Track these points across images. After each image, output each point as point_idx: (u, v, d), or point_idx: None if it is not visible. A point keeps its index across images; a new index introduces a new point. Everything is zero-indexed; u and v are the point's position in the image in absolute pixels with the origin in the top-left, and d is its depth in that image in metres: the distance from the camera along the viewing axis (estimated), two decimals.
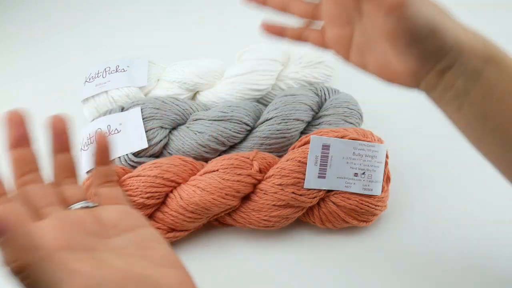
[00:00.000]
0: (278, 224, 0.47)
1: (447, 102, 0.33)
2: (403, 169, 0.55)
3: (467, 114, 0.33)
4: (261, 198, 0.47)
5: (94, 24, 0.84)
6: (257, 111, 0.56)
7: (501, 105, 0.31)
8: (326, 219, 0.48)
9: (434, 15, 0.30)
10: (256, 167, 0.47)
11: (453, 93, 0.32)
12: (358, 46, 0.35)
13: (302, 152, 0.47)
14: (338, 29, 0.35)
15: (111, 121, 0.54)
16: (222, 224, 0.50)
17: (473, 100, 0.32)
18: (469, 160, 0.57)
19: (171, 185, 0.47)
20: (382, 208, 0.49)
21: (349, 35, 0.35)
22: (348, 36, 0.35)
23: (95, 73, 0.61)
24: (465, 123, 0.34)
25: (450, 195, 0.53)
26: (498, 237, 0.49)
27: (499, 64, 0.31)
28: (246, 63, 0.60)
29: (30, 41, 0.82)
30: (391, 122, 0.62)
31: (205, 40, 0.78)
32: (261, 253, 0.49)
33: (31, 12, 0.88)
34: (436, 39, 0.30)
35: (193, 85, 0.60)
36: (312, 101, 0.55)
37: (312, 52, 0.60)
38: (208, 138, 0.52)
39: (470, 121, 0.33)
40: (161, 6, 0.87)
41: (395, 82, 0.35)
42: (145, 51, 0.75)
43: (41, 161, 0.33)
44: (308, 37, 0.38)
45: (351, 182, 0.47)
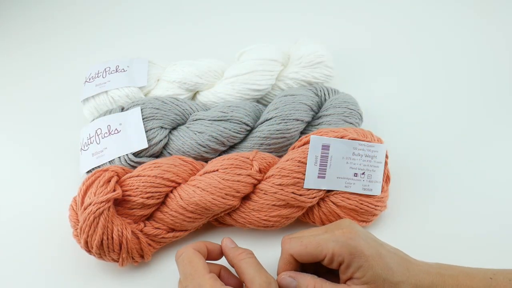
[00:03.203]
0: (278, 224, 0.47)
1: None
2: (403, 169, 0.55)
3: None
4: (261, 198, 0.47)
5: (94, 24, 0.84)
6: (257, 111, 0.56)
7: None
8: (326, 219, 0.48)
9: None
10: (256, 167, 0.47)
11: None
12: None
13: (302, 152, 0.47)
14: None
15: (111, 121, 0.54)
16: (222, 224, 0.50)
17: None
18: (469, 160, 0.58)
19: (171, 185, 0.47)
20: (382, 208, 0.49)
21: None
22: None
23: (95, 73, 0.61)
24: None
25: (450, 195, 0.53)
26: (499, 237, 0.49)
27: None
28: (246, 63, 0.60)
29: (30, 41, 0.82)
30: (391, 122, 0.62)
31: (205, 40, 0.78)
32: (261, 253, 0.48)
33: (31, 12, 0.88)
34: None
35: (193, 85, 0.60)
36: (312, 101, 0.55)
37: (312, 52, 0.60)
38: (208, 138, 0.52)
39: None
40: (161, 6, 0.87)
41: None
42: (145, 51, 0.75)
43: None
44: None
45: (351, 182, 0.47)
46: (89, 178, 0.45)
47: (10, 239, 0.51)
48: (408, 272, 0.37)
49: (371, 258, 0.37)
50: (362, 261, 0.37)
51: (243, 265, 0.39)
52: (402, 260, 0.38)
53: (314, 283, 0.38)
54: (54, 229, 0.51)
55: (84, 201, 0.44)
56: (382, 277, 0.36)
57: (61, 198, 0.51)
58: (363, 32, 0.78)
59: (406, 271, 0.37)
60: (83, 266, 0.48)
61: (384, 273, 0.37)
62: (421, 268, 0.38)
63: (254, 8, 0.85)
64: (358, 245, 0.37)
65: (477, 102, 0.65)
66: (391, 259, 0.38)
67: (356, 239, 0.38)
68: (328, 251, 0.38)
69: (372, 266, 0.36)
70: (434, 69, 0.71)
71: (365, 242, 0.38)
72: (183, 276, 0.38)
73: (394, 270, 0.37)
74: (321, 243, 0.38)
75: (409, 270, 0.37)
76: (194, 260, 0.38)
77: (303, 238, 0.40)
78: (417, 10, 0.83)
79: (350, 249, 0.37)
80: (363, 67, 0.71)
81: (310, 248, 0.39)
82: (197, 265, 0.38)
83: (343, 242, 0.37)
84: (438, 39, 0.76)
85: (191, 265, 0.38)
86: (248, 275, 0.37)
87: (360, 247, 0.37)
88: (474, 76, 0.69)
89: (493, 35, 0.76)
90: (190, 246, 0.40)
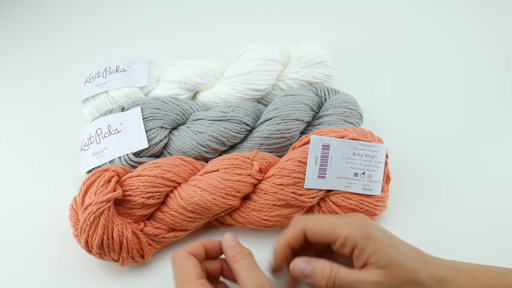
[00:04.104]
0: (278, 224, 0.47)
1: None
2: (403, 169, 0.55)
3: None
4: (261, 198, 0.47)
5: (95, 24, 0.84)
6: (257, 111, 0.56)
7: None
8: None
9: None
10: (256, 167, 0.47)
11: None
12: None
13: (302, 152, 0.47)
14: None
15: (111, 121, 0.54)
16: (222, 224, 0.50)
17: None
18: (469, 160, 0.58)
19: (171, 185, 0.47)
20: (382, 208, 0.49)
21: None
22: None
23: (95, 73, 0.61)
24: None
25: (450, 194, 0.53)
26: (500, 236, 0.49)
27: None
28: (246, 63, 0.60)
29: (31, 41, 0.82)
30: (391, 122, 0.62)
31: (205, 40, 0.78)
32: (261, 253, 0.48)
33: (32, 12, 0.88)
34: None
35: (193, 85, 0.60)
36: (312, 101, 0.55)
37: (312, 52, 0.60)
38: (208, 138, 0.52)
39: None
40: (162, 6, 0.87)
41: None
42: (145, 51, 0.75)
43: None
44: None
45: (351, 182, 0.47)
46: (89, 178, 0.45)
47: (10, 239, 0.51)
48: (424, 262, 0.37)
49: (386, 245, 0.36)
50: (377, 246, 0.36)
51: (238, 267, 0.38)
52: (416, 251, 0.38)
53: (331, 267, 0.37)
54: (54, 229, 0.51)
55: (85, 201, 0.44)
56: (398, 261, 0.36)
57: (61, 198, 0.51)
58: (363, 32, 0.78)
59: (422, 261, 0.37)
60: (83, 266, 0.48)
61: (401, 258, 0.36)
62: (435, 261, 0.38)
63: (254, 8, 0.85)
64: (373, 231, 0.37)
65: (477, 101, 0.65)
66: (405, 249, 0.38)
67: (370, 226, 0.38)
68: (342, 232, 0.37)
69: (387, 251, 0.36)
70: (434, 69, 0.71)
71: (379, 231, 0.38)
72: (175, 281, 0.38)
73: (409, 257, 0.37)
74: (336, 224, 0.38)
75: (424, 260, 0.37)
76: (185, 265, 0.37)
77: (318, 218, 0.40)
78: (417, 10, 0.83)
79: (364, 233, 0.37)
80: (363, 67, 0.71)
81: (324, 226, 0.38)
82: (187, 270, 0.37)
83: (358, 226, 0.37)
84: (438, 39, 0.76)
85: (181, 270, 0.37)
86: (241, 277, 0.37)
87: (375, 233, 0.37)
88: (473, 75, 0.69)
89: (492, 34, 0.76)
90: (184, 250, 0.39)
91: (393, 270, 0.36)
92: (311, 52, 0.60)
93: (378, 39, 0.77)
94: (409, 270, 0.36)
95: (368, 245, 0.36)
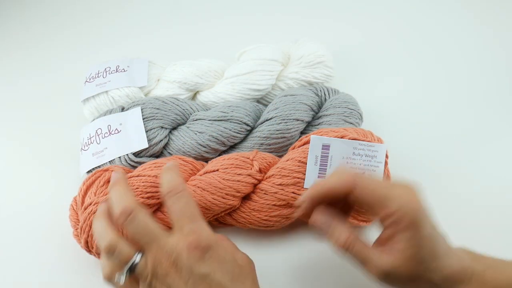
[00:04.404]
0: (278, 224, 0.47)
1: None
2: (403, 169, 0.55)
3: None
4: (262, 198, 0.47)
5: (95, 24, 0.84)
6: (257, 111, 0.56)
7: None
8: None
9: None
10: (256, 167, 0.47)
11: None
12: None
13: (302, 152, 0.47)
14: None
15: (111, 121, 0.54)
16: (222, 224, 0.50)
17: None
18: (469, 160, 0.58)
19: None
20: None
21: None
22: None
23: (95, 73, 0.61)
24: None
25: (450, 194, 0.53)
26: (500, 236, 0.49)
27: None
28: (246, 63, 0.60)
29: (31, 41, 0.82)
30: (391, 122, 0.62)
31: (205, 40, 0.78)
32: (261, 253, 0.49)
33: (32, 12, 0.88)
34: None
35: (193, 85, 0.60)
36: (312, 101, 0.55)
37: (312, 52, 0.60)
38: (208, 138, 0.52)
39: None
40: (162, 6, 0.87)
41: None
42: (145, 51, 0.75)
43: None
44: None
45: None
46: (89, 178, 0.45)
47: (10, 238, 0.51)
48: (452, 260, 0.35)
49: (424, 238, 0.34)
50: (414, 236, 0.34)
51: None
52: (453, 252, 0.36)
53: (348, 236, 0.36)
54: (54, 229, 0.51)
55: (85, 201, 0.44)
56: (424, 258, 0.34)
57: (61, 198, 0.51)
58: (363, 32, 0.78)
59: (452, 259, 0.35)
60: (83, 266, 0.48)
61: (429, 254, 0.34)
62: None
63: (254, 8, 0.85)
64: (421, 220, 0.34)
65: (477, 101, 0.65)
66: (442, 245, 0.35)
67: (421, 211, 0.34)
68: (391, 208, 0.34)
69: (421, 245, 0.34)
70: (435, 68, 0.71)
71: (427, 222, 0.35)
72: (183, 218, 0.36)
73: (439, 255, 0.35)
74: (389, 195, 0.35)
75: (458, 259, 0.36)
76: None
77: (372, 179, 0.36)
78: (417, 10, 0.83)
79: (411, 219, 0.34)
80: (363, 67, 0.71)
81: (378, 192, 0.35)
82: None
83: (410, 207, 0.34)
84: (439, 39, 0.76)
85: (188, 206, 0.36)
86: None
87: (421, 222, 0.34)
88: (474, 76, 0.69)
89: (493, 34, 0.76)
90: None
91: (412, 265, 0.34)
92: (311, 52, 0.60)
93: (378, 39, 0.77)
94: (428, 269, 0.34)
95: (407, 232, 0.34)
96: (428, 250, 0.34)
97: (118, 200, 0.36)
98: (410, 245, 0.34)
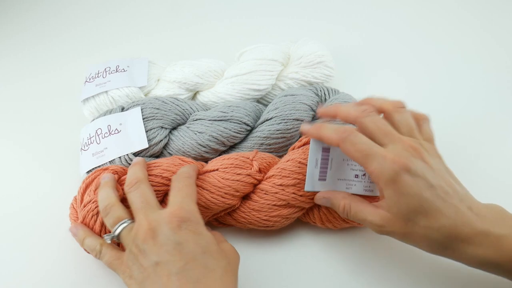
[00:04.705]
0: (278, 224, 0.47)
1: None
2: None
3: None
4: (262, 198, 0.47)
5: (95, 24, 0.84)
6: (257, 111, 0.56)
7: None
8: (326, 219, 0.48)
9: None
10: (256, 167, 0.47)
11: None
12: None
13: (302, 153, 0.47)
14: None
15: (111, 121, 0.54)
16: (222, 224, 0.50)
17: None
18: (469, 160, 0.58)
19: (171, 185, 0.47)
20: None
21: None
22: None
23: (95, 73, 0.61)
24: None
25: None
26: None
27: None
28: (246, 63, 0.60)
29: (31, 41, 0.82)
30: None
31: (205, 40, 0.78)
32: (261, 253, 0.49)
33: (32, 12, 0.89)
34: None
35: (193, 85, 0.60)
36: (312, 101, 0.55)
37: (312, 52, 0.60)
38: (208, 138, 0.52)
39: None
40: (162, 6, 0.87)
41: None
42: (145, 51, 0.75)
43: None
44: None
45: (351, 184, 0.47)
46: (89, 176, 0.45)
47: (9, 238, 0.51)
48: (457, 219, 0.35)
49: (407, 195, 0.35)
50: (395, 193, 0.35)
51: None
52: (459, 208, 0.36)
53: (344, 203, 0.41)
54: (54, 229, 0.51)
55: (84, 199, 0.44)
56: (408, 215, 0.35)
57: (61, 198, 0.51)
58: (363, 32, 0.78)
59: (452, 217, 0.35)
60: (83, 266, 0.48)
61: (414, 211, 0.35)
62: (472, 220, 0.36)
63: (255, 8, 0.85)
64: (401, 179, 0.35)
65: (478, 102, 0.65)
66: (435, 201, 0.35)
67: (401, 170, 0.35)
68: (374, 163, 0.36)
69: (402, 202, 0.35)
70: (435, 69, 0.71)
71: (411, 179, 0.35)
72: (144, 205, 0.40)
73: (432, 211, 0.35)
74: (369, 155, 0.36)
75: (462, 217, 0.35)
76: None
77: (363, 137, 0.37)
78: (417, 11, 0.83)
79: (392, 176, 0.35)
80: (364, 67, 0.71)
81: (364, 148, 0.36)
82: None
83: (391, 166, 0.35)
84: (439, 39, 0.76)
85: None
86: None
87: (401, 180, 0.35)
88: (474, 76, 0.69)
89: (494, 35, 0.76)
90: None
91: (398, 221, 0.36)
92: (311, 52, 0.60)
93: (378, 39, 0.77)
94: (418, 226, 0.35)
95: (388, 189, 0.36)
96: (412, 208, 0.35)
97: (132, 172, 0.43)
98: (392, 202, 0.36)
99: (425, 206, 0.35)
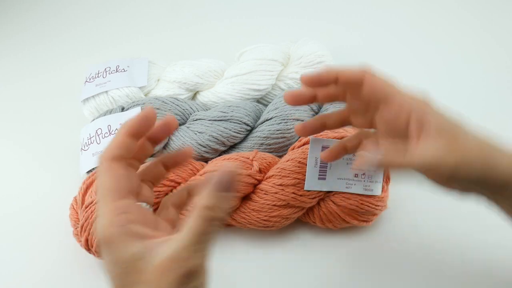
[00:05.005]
0: (278, 224, 0.47)
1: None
2: None
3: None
4: (262, 198, 0.47)
5: (95, 24, 0.84)
6: (257, 111, 0.56)
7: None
8: (327, 219, 0.48)
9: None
10: (256, 167, 0.47)
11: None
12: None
13: (302, 153, 0.47)
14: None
15: (111, 121, 0.54)
16: None
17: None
18: None
19: (171, 185, 0.47)
20: (382, 208, 0.48)
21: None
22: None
23: (95, 73, 0.61)
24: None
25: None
26: (500, 237, 0.49)
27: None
28: (246, 63, 0.60)
29: (31, 41, 0.82)
30: None
31: (205, 40, 0.78)
32: (261, 253, 0.49)
33: (32, 12, 0.88)
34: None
35: (193, 85, 0.60)
36: None
37: (312, 52, 0.60)
38: (208, 138, 0.52)
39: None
40: (162, 6, 0.87)
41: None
42: (145, 51, 0.75)
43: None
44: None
45: (351, 183, 0.47)
46: (89, 177, 0.45)
47: (9, 238, 0.51)
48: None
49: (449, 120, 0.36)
50: (436, 115, 0.36)
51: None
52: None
53: (379, 161, 0.36)
54: (54, 229, 0.51)
55: (85, 200, 0.44)
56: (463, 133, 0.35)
57: (61, 198, 0.51)
58: (363, 32, 0.78)
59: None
60: (82, 266, 0.48)
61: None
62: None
63: (255, 8, 0.85)
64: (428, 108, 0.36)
65: (478, 102, 0.65)
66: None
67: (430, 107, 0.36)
68: (395, 99, 0.36)
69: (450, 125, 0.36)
70: (435, 69, 0.71)
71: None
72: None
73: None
74: (394, 90, 0.37)
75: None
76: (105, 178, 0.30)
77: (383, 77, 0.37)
78: (417, 11, 0.83)
79: (422, 103, 0.37)
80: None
81: (385, 86, 0.37)
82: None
83: (412, 99, 0.36)
84: (439, 39, 0.76)
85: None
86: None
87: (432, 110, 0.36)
88: (474, 76, 0.69)
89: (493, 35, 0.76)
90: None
91: (456, 141, 0.34)
92: (311, 52, 0.60)
93: (378, 39, 0.77)
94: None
95: (424, 114, 0.35)
96: (452, 121, 0.36)
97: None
98: (435, 121, 0.35)
99: (457, 120, 0.36)
